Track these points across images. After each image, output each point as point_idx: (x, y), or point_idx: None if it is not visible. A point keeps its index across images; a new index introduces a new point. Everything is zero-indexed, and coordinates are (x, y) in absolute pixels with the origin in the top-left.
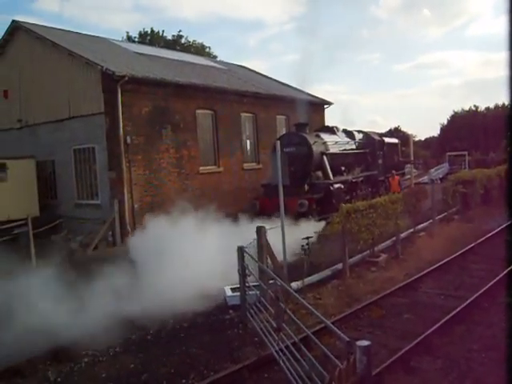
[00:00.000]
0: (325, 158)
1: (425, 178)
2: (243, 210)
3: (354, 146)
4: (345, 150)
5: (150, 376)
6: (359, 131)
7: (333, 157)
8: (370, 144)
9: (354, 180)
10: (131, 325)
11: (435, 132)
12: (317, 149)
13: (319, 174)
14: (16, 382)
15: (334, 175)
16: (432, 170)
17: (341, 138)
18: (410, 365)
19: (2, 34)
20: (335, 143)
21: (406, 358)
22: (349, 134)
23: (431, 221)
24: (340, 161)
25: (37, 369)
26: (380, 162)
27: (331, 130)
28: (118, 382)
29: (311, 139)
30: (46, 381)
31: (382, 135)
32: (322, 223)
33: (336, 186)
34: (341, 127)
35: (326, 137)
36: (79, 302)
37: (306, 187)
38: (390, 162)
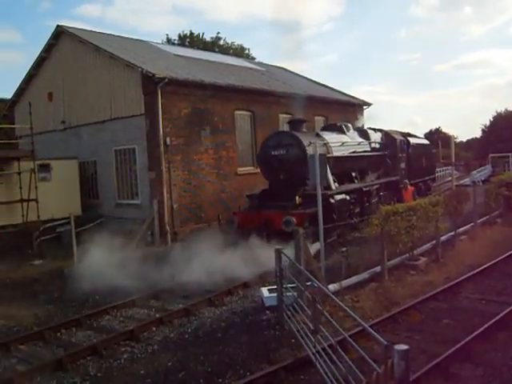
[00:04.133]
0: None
1: (466, 180)
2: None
3: (368, 148)
4: (355, 152)
5: (187, 374)
6: (377, 130)
7: (338, 161)
8: (391, 145)
9: (365, 188)
10: None
11: (477, 133)
12: (313, 151)
13: None
14: None
15: (341, 183)
16: (474, 172)
17: (351, 137)
18: (450, 371)
19: (48, 38)
20: (341, 144)
21: (446, 364)
22: (362, 133)
23: (473, 224)
24: (348, 165)
25: None
26: (403, 165)
27: (339, 129)
28: (155, 380)
29: (306, 139)
30: (87, 375)
31: (407, 135)
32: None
33: (339, 197)
34: (369, 127)
35: (329, 137)
36: None
37: (298, 199)
38: (417, 166)
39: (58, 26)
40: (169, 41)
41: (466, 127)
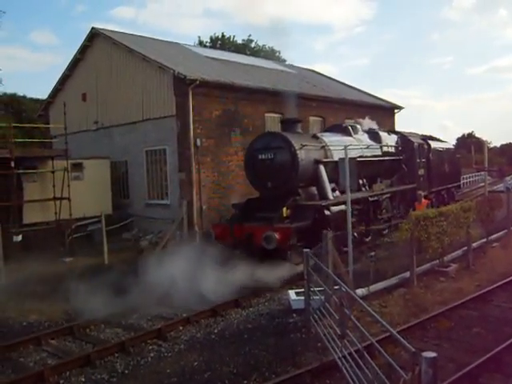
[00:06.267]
0: (321, 167)
1: (500, 186)
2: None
3: (378, 152)
4: (362, 156)
5: (212, 375)
6: (392, 132)
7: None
8: (407, 149)
9: (372, 198)
10: None
11: None
12: (307, 155)
13: (313, 190)
14: None
15: (342, 191)
16: (508, 178)
17: (358, 140)
18: (479, 381)
19: (82, 40)
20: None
21: (475, 373)
22: (373, 135)
23: (506, 231)
24: None
25: None
26: (422, 172)
27: (344, 130)
28: (181, 379)
29: (298, 142)
30: (114, 371)
31: (428, 138)
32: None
33: (336, 208)
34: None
35: (330, 139)
36: None
37: (286, 211)
38: (439, 173)
39: (92, 28)
40: (201, 43)
41: (500, 132)
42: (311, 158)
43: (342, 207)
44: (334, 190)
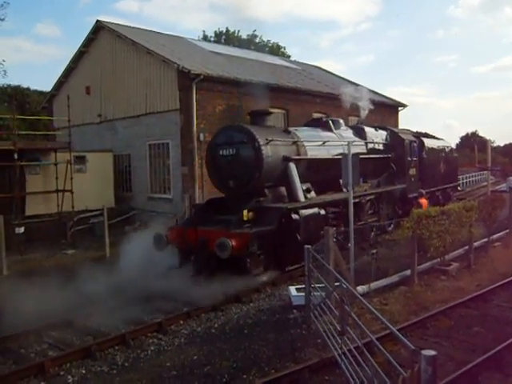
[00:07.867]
0: (291, 165)
1: (503, 186)
2: None
3: (363, 149)
4: (342, 153)
5: (212, 369)
6: (381, 128)
7: (315, 164)
8: (397, 146)
9: (353, 200)
10: None
11: None
12: (274, 152)
13: (282, 191)
14: None
15: (322, 192)
16: (511, 178)
17: (339, 136)
18: (478, 380)
19: (87, 33)
20: (322, 143)
21: (474, 372)
22: (357, 131)
23: (508, 231)
24: (332, 170)
25: None
26: (413, 172)
27: (324, 125)
28: (181, 372)
29: (263, 136)
30: (115, 363)
31: (423, 135)
32: None
33: (307, 212)
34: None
35: (304, 134)
36: None
37: (247, 214)
38: (433, 173)
39: (97, 20)
40: (205, 38)
41: (505, 132)
42: (280, 155)
43: (315, 210)
44: (308, 191)
